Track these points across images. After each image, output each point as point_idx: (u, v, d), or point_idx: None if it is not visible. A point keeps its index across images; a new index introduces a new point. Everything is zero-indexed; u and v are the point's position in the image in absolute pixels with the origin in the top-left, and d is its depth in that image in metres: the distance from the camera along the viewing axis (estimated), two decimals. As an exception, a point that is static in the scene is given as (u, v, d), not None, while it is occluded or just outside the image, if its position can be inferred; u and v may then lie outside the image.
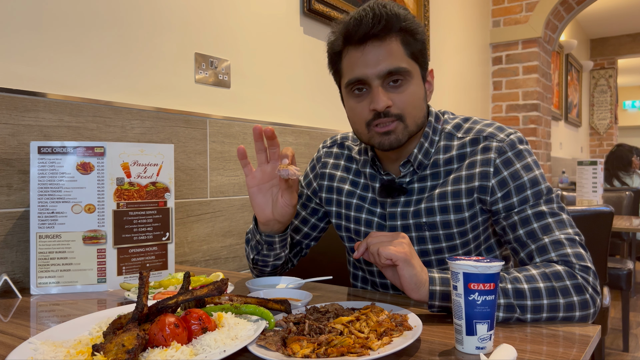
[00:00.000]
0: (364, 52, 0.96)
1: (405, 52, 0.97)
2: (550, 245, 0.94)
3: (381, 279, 1.18)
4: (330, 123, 2.30)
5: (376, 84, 0.97)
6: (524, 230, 0.97)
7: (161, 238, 1.24)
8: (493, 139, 1.02)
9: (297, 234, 1.25)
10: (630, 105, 11.72)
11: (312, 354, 0.68)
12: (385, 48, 0.96)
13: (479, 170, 1.01)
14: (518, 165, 1.00)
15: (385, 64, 0.95)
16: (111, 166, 1.17)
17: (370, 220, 1.12)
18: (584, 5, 4.33)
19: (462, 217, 1.03)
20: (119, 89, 1.44)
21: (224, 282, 0.80)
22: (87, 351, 0.66)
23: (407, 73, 0.97)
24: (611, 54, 7.56)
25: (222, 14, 1.75)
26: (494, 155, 1.01)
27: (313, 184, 1.23)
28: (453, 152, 1.05)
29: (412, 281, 0.86)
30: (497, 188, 1.00)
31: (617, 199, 3.74)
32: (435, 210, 1.04)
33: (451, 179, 1.04)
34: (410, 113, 0.99)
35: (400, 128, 0.99)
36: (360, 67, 0.97)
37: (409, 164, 1.06)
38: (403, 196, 1.08)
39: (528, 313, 0.85)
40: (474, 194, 1.02)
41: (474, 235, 1.06)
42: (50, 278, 1.13)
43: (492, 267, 0.71)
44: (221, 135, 1.73)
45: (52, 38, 1.29)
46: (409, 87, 0.98)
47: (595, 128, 7.78)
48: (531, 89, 4.13)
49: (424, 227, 1.06)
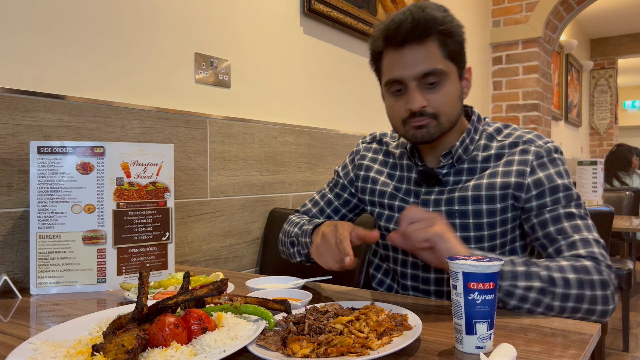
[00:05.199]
0: (402, 54, 1.01)
1: (442, 54, 1.01)
2: (579, 242, 0.99)
3: (403, 268, 1.20)
4: (331, 123, 2.30)
5: (413, 85, 1.01)
6: (555, 227, 1.02)
7: (161, 238, 1.24)
8: (532, 144, 1.08)
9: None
10: (630, 105, 11.71)
11: (312, 354, 0.68)
12: (422, 51, 1.00)
13: (516, 168, 1.06)
14: (552, 170, 1.05)
15: (421, 66, 1.00)
16: (111, 166, 1.17)
17: (403, 208, 1.16)
18: (584, 5, 4.33)
19: (493, 208, 1.07)
20: (119, 89, 1.44)
21: (223, 282, 0.80)
22: (87, 351, 0.66)
23: (443, 74, 1.02)
24: (611, 54, 7.55)
25: (222, 14, 1.75)
26: (531, 157, 1.06)
27: (350, 174, 1.29)
28: (492, 152, 1.10)
29: (449, 253, 0.87)
30: (533, 186, 1.04)
31: (617, 199, 3.74)
32: (469, 199, 1.08)
33: (487, 174, 1.09)
34: (444, 112, 1.04)
35: (433, 124, 1.04)
36: (398, 69, 1.02)
37: (450, 155, 1.10)
38: (438, 187, 1.12)
39: (557, 300, 0.91)
40: (509, 189, 1.06)
41: (501, 231, 1.09)
42: (50, 278, 1.13)
43: (492, 267, 0.71)
44: (221, 135, 1.73)
45: (52, 38, 1.29)
46: (444, 87, 1.03)
47: (595, 128, 7.78)
48: (531, 89, 4.13)
49: (455, 214, 1.09)
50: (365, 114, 2.53)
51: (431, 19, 0.99)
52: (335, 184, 1.32)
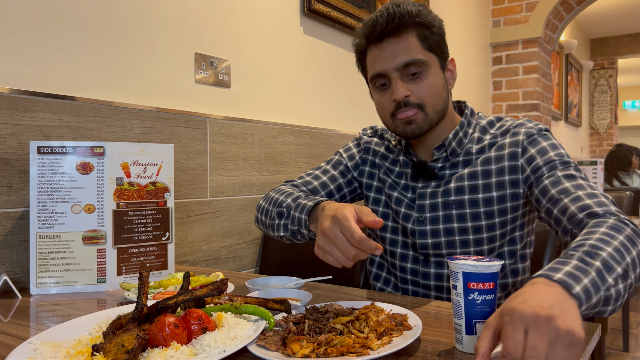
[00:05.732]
0: (382, 48, 1.05)
1: (421, 45, 1.04)
2: (586, 198, 0.92)
3: (402, 262, 1.18)
4: (331, 123, 2.30)
5: (395, 76, 1.04)
6: (556, 189, 0.98)
7: (161, 238, 1.24)
8: (522, 127, 1.10)
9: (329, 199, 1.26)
10: (630, 105, 11.71)
11: (311, 354, 0.68)
12: (401, 43, 1.03)
13: (508, 151, 1.07)
14: (545, 144, 1.06)
15: (401, 58, 1.03)
16: (111, 166, 1.17)
17: (401, 200, 1.17)
18: (584, 5, 4.33)
19: (490, 197, 1.08)
20: (119, 89, 1.44)
21: (223, 282, 0.80)
22: (87, 351, 0.66)
23: (424, 64, 1.04)
24: (611, 54, 7.55)
25: (222, 14, 1.75)
26: (522, 138, 1.07)
27: (356, 157, 1.28)
28: (485, 143, 1.11)
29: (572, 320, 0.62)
30: (526, 164, 1.05)
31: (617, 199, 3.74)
32: (465, 189, 1.09)
33: (480, 160, 1.10)
34: (429, 102, 1.05)
35: (420, 117, 1.05)
36: (380, 63, 1.05)
37: (443, 148, 1.11)
38: (434, 181, 1.13)
39: (634, 270, 0.78)
40: (504, 175, 1.07)
41: (500, 221, 1.09)
42: (50, 278, 1.13)
43: (492, 267, 0.71)
44: (221, 135, 1.73)
45: (52, 38, 1.29)
46: (426, 77, 1.05)
47: (595, 128, 7.77)
48: (531, 89, 4.13)
49: (452, 204, 1.10)
50: (365, 114, 2.52)
51: (406, 12, 1.03)
52: (338, 163, 1.28)
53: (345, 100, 2.40)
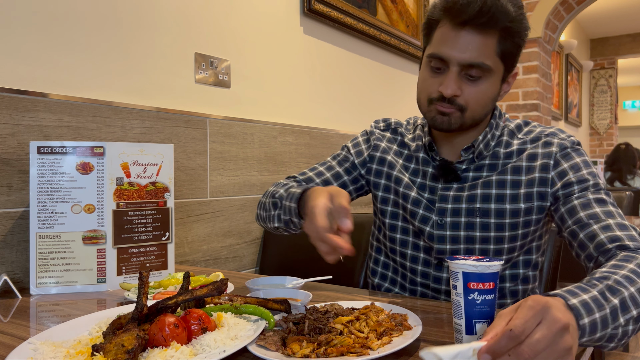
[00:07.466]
0: (458, 35, 0.95)
1: (496, 50, 0.97)
2: (616, 228, 0.89)
3: (413, 264, 1.14)
4: (331, 123, 2.30)
5: (454, 69, 0.97)
6: (585, 212, 0.94)
7: (161, 238, 1.24)
8: (555, 137, 1.05)
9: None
10: (630, 105, 11.71)
11: (311, 354, 0.68)
12: (479, 39, 0.95)
13: (540, 162, 1.03)
14: (578, 159, 1.02)
15: (470, 54, 0.95)
16: (111, 166, 1.17)
17: (419, 200, 1.11)
18: (584, 5, 4.33)
19: (517, 208, 1.03)
20: (119, 89, 1.44)
21: (223, 282, 0.80)
22: (87, 351, 0.66)
23: (488, 70, 0.97)
24: (611, 54, 7.55)
25: (222, 14, 1.75)
26: (555, 149, 1.03)
27: (364, 154, 1.22)
28: (514, 148, 1.07)
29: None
30: (557, 179, 1.01)
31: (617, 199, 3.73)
32: (492, 197, 1.04)
33: (510, 167, 1.05)
34: (473, 108, 1.00)
35: (456, 115, 1.00)
36: (447, 48, 0.96)
37: (471, 149, 1.06)
38: (456, 183, 1.08)
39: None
40: (533, 187, 1.02)
41: (523, 233, 1.05)
42: (50, 278, 1.13)
43: (492, 267, 0.71)
44: (221, 135, 1.73)
45: (52, 38, 1.29)
46: (483, 84, 0.99)
47: (595, 128, 7.78)
48: (531, 89, 4.13)
49: (476, 212, 1.05)
50: (365, 114, 2.53)
51: (502, 11, 0.93)
52: (345, 159, 1.23)
53: (345, 100, 2.40)
